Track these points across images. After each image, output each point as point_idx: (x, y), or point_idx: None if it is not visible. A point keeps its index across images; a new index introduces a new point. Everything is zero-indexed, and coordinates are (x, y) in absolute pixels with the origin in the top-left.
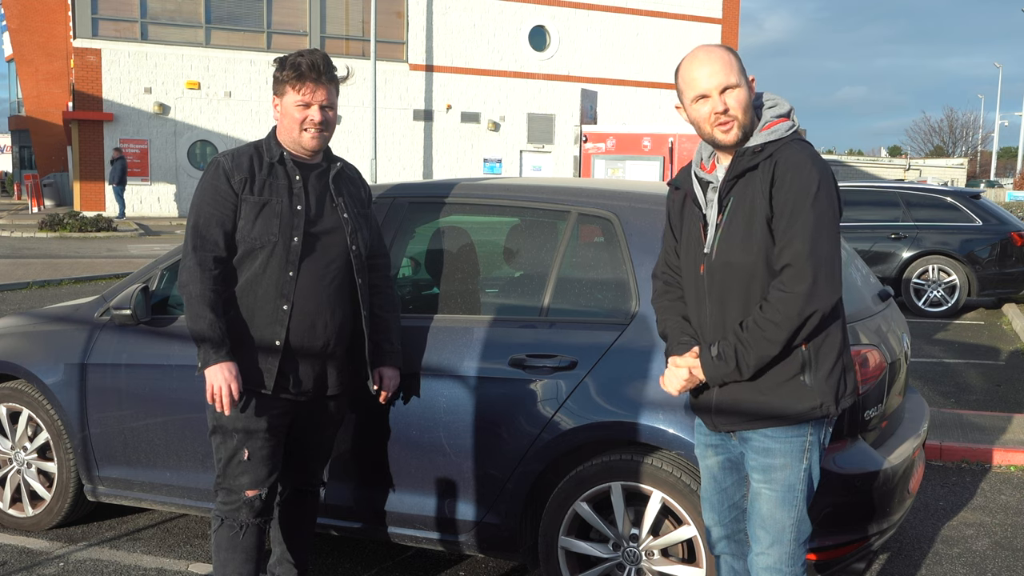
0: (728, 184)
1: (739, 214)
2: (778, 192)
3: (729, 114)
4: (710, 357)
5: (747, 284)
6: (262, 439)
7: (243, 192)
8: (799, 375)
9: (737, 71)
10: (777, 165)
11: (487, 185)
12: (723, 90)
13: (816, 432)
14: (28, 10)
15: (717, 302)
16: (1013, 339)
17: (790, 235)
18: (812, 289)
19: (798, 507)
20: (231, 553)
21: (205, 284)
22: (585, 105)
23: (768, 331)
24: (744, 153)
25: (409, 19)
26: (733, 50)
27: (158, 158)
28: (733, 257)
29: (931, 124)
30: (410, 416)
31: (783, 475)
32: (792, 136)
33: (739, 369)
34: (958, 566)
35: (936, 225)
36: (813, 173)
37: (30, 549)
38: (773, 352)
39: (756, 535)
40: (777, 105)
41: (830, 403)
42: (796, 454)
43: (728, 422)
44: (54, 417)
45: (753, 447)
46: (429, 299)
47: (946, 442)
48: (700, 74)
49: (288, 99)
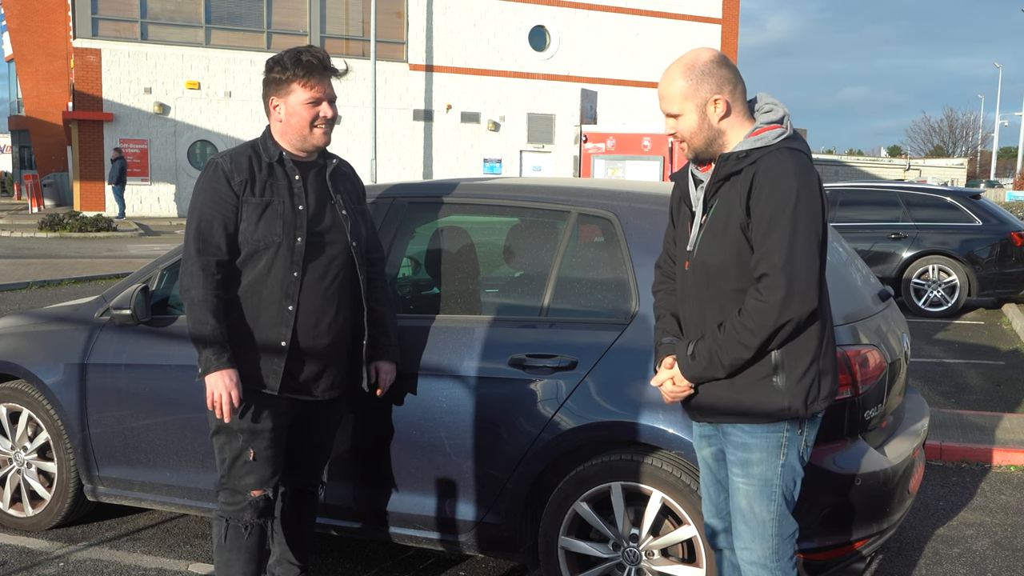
0: (714, 186)
1: (720, 216)
2: (755, 201)
3: (678, 136)
4: (686, 356)
5: (719, 284)
6: (267, 439)
7: (244, 194)
8: (771, 376)
9: (679, 100)
10: (757, 173)
11: (487, 185)
12: (667, 115)
13: (793, 429)
14: (28, 10)
15: (695, 300)
16: (1013, 339)
17: (767, 246)
18: (785, 300)
19: (776, 501)
20: (235, 554)
21: (208, 289)
22: (585, 105)
23: (742, 336)
24: (729, 158)
25: (409, 19)
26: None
27: (158, 158)
28: (709, 257)
29: (931, 124)
30: (410, 416)
31: (760, 469)
32: (780, 143)
33: (712, 368)
34: (958, 566)
35: (936, 225)
36: (792, 184)
37: (30, 549)
38: (746, 356)
39: (738, 530)
40: (772, 111)
41: (799, 406)
42: (772, 449)
43: (703, 415)
44: (54, 417)
45: (732, 441)
46: (429, 299)
47: (946, 442)
48: (659, 94)
49: (296, 98)
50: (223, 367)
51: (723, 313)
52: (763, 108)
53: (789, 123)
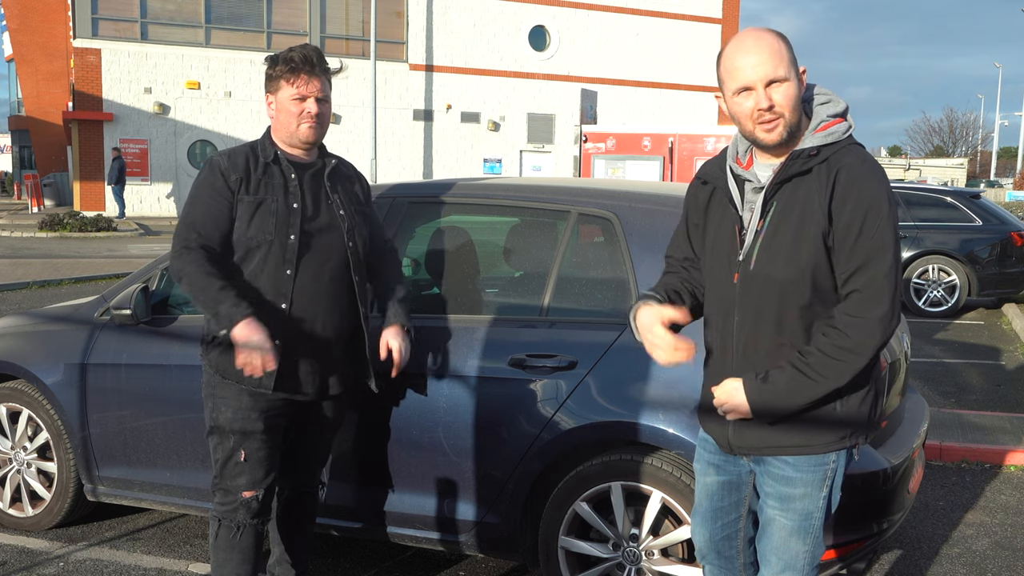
0: (774, 187)
1: (787, 223)
2: (841, 207)
3: (774, 111)
4: (756, 384)
5: (785, 300)
6: (259, 440)
7: (239, 192)
8: (831, 402)
9: (787, 62)
10: (840, 175)
11: (487, 185)
12: (769, 83)
13: (841, 457)
14: (28, 10)
15: (751, 316)
16: (1013, 339)
17: (860, 258)
18: (886, 316)
19: (814, 535)
20: (228, 553)
21: (199, 261)
22: (585, 105)
23: (841, 359)
24: (798, 156)
25: (409, 19)
26: (784, 37)
27: (158, 158)
28: (775, 270)
29: (931, 124)
30: (410, 416)
31: (802, 504)
32: (849, 140)
33: (791, 398)
34: (958, 566)
35: (936, 225)
36: (881, 188)
37: (30, 549)
38: (841, 382)
39: (767, 559)
40: (831, 102)
41: (860, 432)
42: (817, 484)
43: (747, 446)
44: (54, 417)
45: (771, 474)
46: (429, 299)
47: (946, 442)
48: (744, 63)
49: (283, 94)
50: (245, 314)
51: (781, 333)
52: (820, 99)
53: (851, 117)
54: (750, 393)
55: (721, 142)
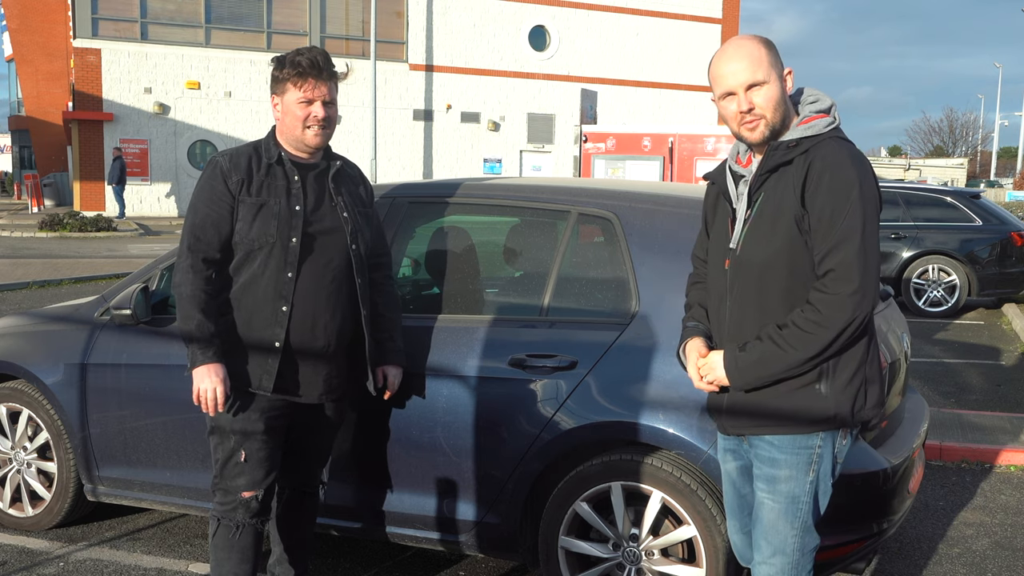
0: (760, 179)
1: (767, 210)
2: (814, 193)
3: (755, 112)
4: (735, 358)
5: (765, 283)
6: (260, 441)
7: (240, 193)
8: (815, 383)
9: (766, 66)
10: (812, 163)
11: (487, 185)
12: (749, 87)
13: (827, 443)
14: (28, 10)
15: (737, 299)
16: (1013, 339)
17: (832, 240)
18: (856, 294)
19: (801, 519)
20: (227, 552)
21: (196, 285)
22: (585, 105)
23: (811, 333)
24: (778, 147)
25: (409, 19)
26: (768, 41)
27: (158, 158)
28: (755, 254)
29: (931, 124)
30: (410, 416)
31: (787, 487)
32: (831, 133)
33: (764, 368)
34: (958, 566)
35: (936, 225)
36: (852, 173)
37: (30, 549)
38: (809, 354)
39: (758, 544)
40: (818, 100)
41: (845, 414)
42: (802, 466)
43: (737, 425)
44: (54, 417)
45: (759, 456)
46: (429, 299)
47: (946, 442)
48: (727, 71)
49: (290, 97)
50: (208, 360)
51: (764, 315)
52: (808, 100)
53: (836, 114)
54: (728, 363)
55: (721, 142)
